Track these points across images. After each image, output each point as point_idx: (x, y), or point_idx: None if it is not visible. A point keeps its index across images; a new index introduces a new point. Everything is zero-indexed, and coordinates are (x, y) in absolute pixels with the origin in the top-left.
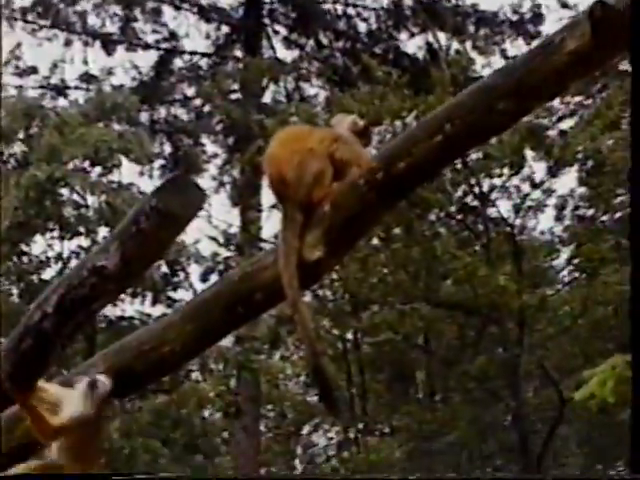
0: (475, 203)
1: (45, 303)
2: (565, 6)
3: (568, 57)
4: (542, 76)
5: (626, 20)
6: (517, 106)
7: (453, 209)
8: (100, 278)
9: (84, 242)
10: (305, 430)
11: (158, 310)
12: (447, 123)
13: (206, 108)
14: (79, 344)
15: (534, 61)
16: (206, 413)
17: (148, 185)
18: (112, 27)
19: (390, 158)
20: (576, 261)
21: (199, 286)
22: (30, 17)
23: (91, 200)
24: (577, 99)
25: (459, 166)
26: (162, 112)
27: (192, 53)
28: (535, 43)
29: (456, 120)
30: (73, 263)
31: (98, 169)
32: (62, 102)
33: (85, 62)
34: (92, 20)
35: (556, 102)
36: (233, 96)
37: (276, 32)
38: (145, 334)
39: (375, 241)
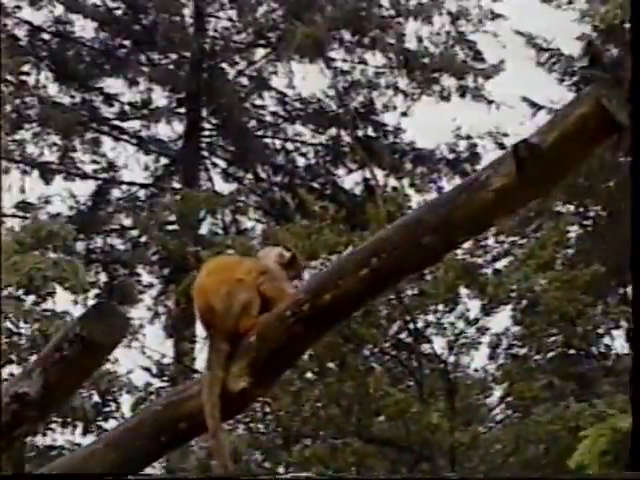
0: (409, 339)
1: None
2: (502, 147)
3: (494, 194)
4: (467, 213)
5: (553, 157)
6: (442, 241)
7: (387, 345)
8: (22, 405)
9: (15, 370)
10: None
11: (89, 440)
12: (374, 257)
13: (143, 238)
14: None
15: (459, 198)
16: None
17: None
18: (51, 156)
19: (317, 290)
20: (509, 399)
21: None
22: None
23: (24, 328)
24: (512, 239)
25: (394, 302)
26: (98, 241)
27: (130, 184)
28: None
29: (382, 254)
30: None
31: (32, 297)
32: None
33: (22, 190)
34: (31, 149)
35: (491, 241)
36: (170, 227)
37: (214, 164)
38: (67, 462)
39: (309, 375)
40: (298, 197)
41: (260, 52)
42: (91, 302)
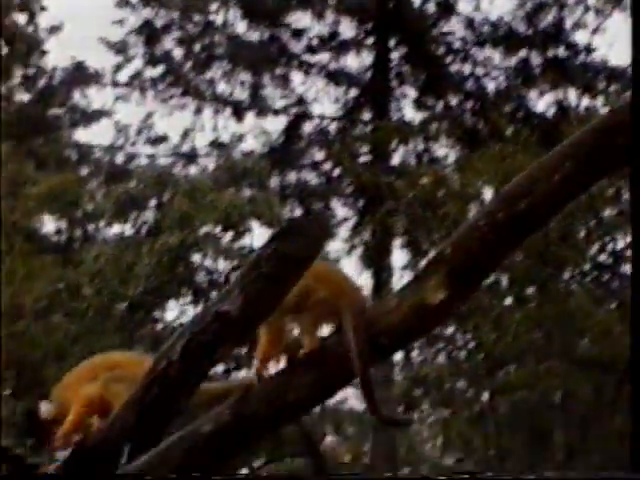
0: (610, 261)
1: (170, 351)
2: None
3: None
4: None
5: None
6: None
7: (587, 267)
8: (223, 324)
9: None
10: None
11: None
12: (567, 161)
13: (336, 171)
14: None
15: None
16: None
17: None
18: (242, 94)
19: (511, 198)
20: None
21: None
22: (161, 87)
23: (223, 265)
24: None
25: (592, 223)
26: (292, 176)
27: (321, 117)
28: None
29: (575, 158)
30: None
31: (229, 234)
32: (193, 169)
33: (215, 129)
34: (222, 87)
35: None
36: (362, 159)
37: (404, 94)
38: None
39: (509, 301)
40: (490, 122)
41: None
42: None
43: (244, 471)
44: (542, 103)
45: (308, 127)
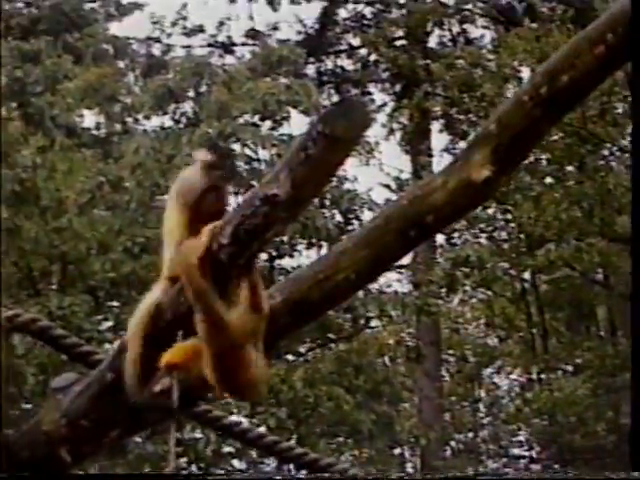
0: None
1: (220, 235)
2: None
3: None
4: None
5: None
6: None
7: (625, 143)
8: (272, 206)
9: None
10: (487, 373)
11: None
12: (609, 33)
13: (372, 56)
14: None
15: None
16: (387, 360)
17: None
18: None
19: (553, 72)
20: None
21: None
22: None
23: (262, 154)
24: None
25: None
26: (328, 63)
27: (356, 2)
28: None
29: (618, 29)
30: None
31: (268, 123)
32: (229, 59)
33: (250, 18)
34: None
35: None
36: (398, 42)
37: None
38: (319, 263)
39: (548, 179)
40: (525, 0)
41: None
42: None
43: (289, 357)
44: None
45: (343, 13)
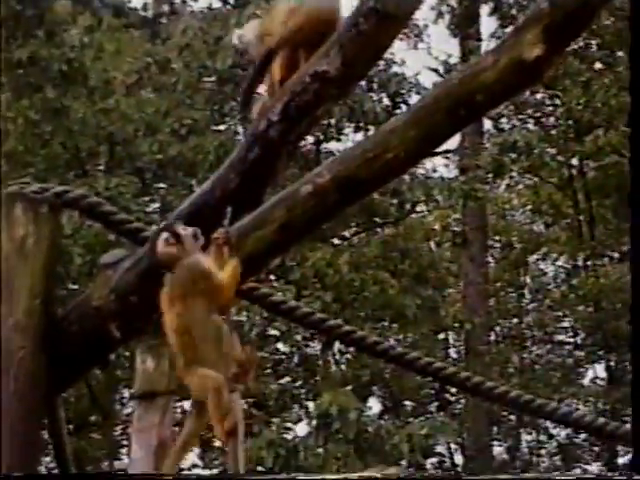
0: None
1: (270, 112)
2: None
3: None
4: None
5: None
6: None
7: None
8: (322, 83)
9: None
10: (532, 259)
11: None
12: None
13: None
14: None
15: None
16: (433, 244)
17: None
18: None
19: None
20: None
21: None
22: None
23: None
24: None
25: None
26: None
27: None
28: None
29: None
30: None
31: None
32: None
33: None
34: None
35: None
36: None
37: None
38: (368, 142)
39: (598, 64)
40: None
41: None
42: None
43: (335, 241)
44: None
45: None
